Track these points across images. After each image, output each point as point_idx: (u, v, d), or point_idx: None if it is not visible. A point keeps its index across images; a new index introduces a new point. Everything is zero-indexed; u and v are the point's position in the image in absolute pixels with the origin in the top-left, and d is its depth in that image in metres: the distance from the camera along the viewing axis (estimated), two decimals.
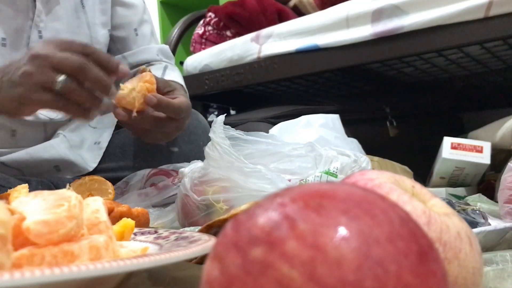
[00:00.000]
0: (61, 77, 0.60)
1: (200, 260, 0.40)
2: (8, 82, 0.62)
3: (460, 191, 0.87)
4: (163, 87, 0.74)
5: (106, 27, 0.93)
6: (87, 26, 0.88)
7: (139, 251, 0.36)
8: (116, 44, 0.96)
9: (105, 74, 0.62)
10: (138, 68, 0.75)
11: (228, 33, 1.39)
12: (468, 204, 0.52)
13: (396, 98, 1.33)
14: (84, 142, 0.93)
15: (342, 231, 0.18)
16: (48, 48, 0.61)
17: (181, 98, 0.73)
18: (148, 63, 0.97)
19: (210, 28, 1.41)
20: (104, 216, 0.33)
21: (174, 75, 0.93)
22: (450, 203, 0.51)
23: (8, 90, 0.62)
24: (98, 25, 0.91)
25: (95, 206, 0.34)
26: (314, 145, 0.66)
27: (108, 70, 0.63)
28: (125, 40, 0.96)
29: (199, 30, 1.43)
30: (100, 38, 0.91)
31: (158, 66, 0.96)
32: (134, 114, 0.66)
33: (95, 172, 0.92)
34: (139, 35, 0.97)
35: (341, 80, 1.33)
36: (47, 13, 0.82)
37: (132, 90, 0.66)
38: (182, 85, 0.91)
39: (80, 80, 0.61)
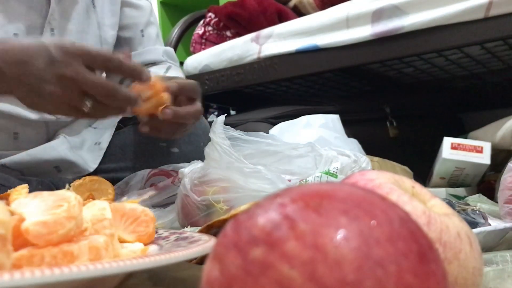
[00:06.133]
0: (89, 101, 0.61)
1: (200, 260, 0.40)
2: (29, 87, 0.61)
3: (460, 191, 0.87)
4: (180, 91, 0.72)
5: (115, 29, 0.93)
6: (97, 26, 0.89)
7: (139, 251, 0.36)
8: (122, 44, 0.96)
9: (131, 90, 0.64)
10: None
11: (228, 33, 1.39)
12: (468, 205, 0.52)
13: (396, 98, 1.33)
14: (84, 143, 0.93)
15: (342, 231, 0.18)
16: (72, 65, 0.60)
17: (197, 105, 0.73)
18: (153, 63, 0.97)
19: (210, 28, 1.41)
20: (109, 215, 0.34)
21: (177, 75, 0.93)
22: (450, 204, 0.51)
23: (34, 99, 0.62)
24: (108, 25, 0.91)
25: (102, 205, 0.35)
26: (314, 145, 0.66)
27: (133, 78, 0.64)
28: (131, 41, 0.96)
29: (199, 30, 1.43)
30: (109, 38, 0.91)
31: (162, 66, 0.96)
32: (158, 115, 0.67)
33: (95, 172, 0.92)
34: (145, 36, 0.97)
35: (341, 80, 1.33)
36: (60, 12, 0.82)
37: (147, 100, 0.67)
38: None
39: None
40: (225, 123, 0.63)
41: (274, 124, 0.99)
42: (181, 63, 1.42)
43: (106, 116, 0.66)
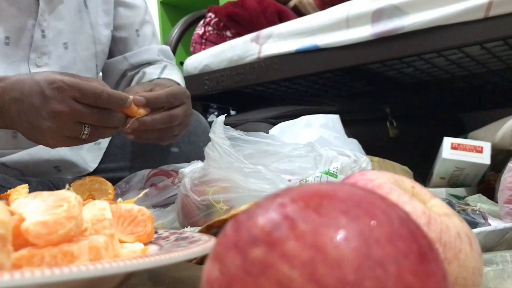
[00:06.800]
0: (86, 130, 0.66)
1: (200, 260, 0.40)
2: (28, 124, 0.64)
3: (460, 191, 0.87)
4: (148, 104, 0.74)
5: (109, 28, 0.93)
6: (90, 26, 0.88)
7: (139, 251, 0.36)
8: (117, 44, 0.96)
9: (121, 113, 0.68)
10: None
11: (228, 33, 1.39)
12: (468, 205, 0.52)
13: (396, 98, 1.33)
14: None
15: (342, 231, 0.18)
16: (64, 100, 0.63)
17: (172, 88, 0.75)
18: (149, 63, 0.97)
19: (210, 28, 1.41)
20: (109, 215, 0.34)
21: (172, 74, 0.93)
22: (450, 204, 0.51)
23: (34, 134, 0.66)
24: (101, 25, 0.91)
25: (102, 205, 0.36)
26: (314, 146, 0.66)
27: (120, 107, 0.68)
28: (127, 41, 0.96)
29: (199, 30, 1.43)
30: (102, 38, 0.91)
31: (158, 66, 0.96)
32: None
33: (95, 172, 0.92)
34: (140, 36, 0.97)
35: (341, 80, 1.33)
36: (50, 12, 0.82)
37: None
38: (178, 83, 0.91)
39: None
40: (225, 123, 0.63)
41: (274, 124, 0.99)
42: (181, 63, 1.42)
43: (103, 137, 0.70)
